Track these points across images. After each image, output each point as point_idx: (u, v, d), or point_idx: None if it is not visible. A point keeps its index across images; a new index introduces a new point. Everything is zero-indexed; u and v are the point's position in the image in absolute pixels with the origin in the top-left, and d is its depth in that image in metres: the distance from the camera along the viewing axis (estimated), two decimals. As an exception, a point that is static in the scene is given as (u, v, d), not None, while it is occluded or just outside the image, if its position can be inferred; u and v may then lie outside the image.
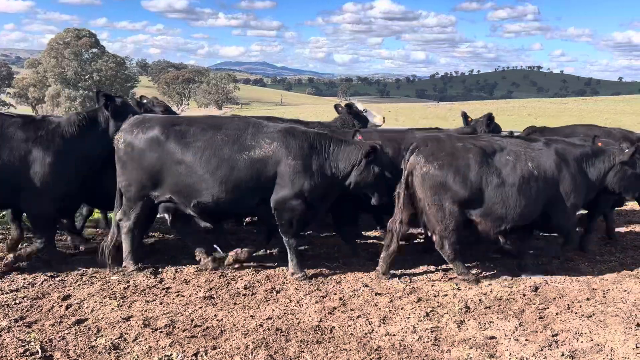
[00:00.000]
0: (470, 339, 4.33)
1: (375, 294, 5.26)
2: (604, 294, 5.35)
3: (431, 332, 4.44)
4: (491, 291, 5.37)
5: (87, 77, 65.56)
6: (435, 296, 5.25)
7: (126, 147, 5.59)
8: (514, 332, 4.45)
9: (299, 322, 4.59)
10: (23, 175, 5.43)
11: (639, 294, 5.32)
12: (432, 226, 5.59)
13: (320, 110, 74.82)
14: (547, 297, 5.23)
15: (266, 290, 5.29)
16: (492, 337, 4.36)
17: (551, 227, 6.09)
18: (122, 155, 5.63)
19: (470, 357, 4.04)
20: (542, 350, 4.14)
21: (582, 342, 4.31)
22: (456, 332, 4.45)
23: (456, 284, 5.56)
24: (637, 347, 4.21)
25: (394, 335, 4.38)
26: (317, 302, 5.03)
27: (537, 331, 4.48)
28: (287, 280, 5.61)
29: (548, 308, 4.96)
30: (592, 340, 4.34)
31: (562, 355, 4.06)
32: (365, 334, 4.41)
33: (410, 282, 5.66)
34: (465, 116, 8.73)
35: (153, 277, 5.59)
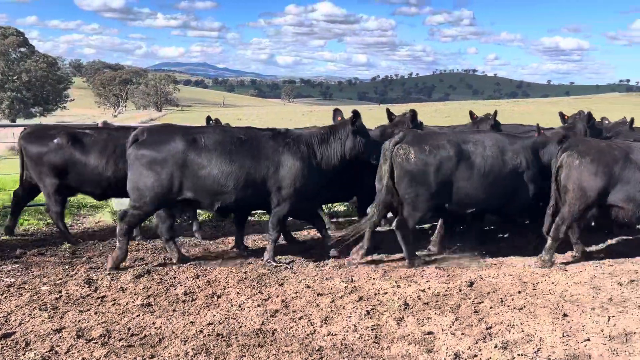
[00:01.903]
0: (409, 335, 4.44)
1: (318, 295, 5.29)
2: (534, 286, 5.62)
3: (372, 330, 4.51)
4: (429, 287, 5.52)
5: (15, 77, 62.05)
6: (375, 294, 5.34)
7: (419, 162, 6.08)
8: (450, 327, 4.59)
9: (241, 327, 4.55)
10: (274, 179, 6.06)
11: (566, 286, 5.63)
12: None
13: (264, 112, 74.50)
14: (482, 292, 5.44)
15: (207, 296, 5.20)
16: (430, 333, 4.49)
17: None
18: (412, 168, 6.08)
19: (409, 353, 4.14)
20: (476, 343, 4.30)
21: (513, 333, 4.51)
22: (396, 329, 4.55)
23: (396, 282, 5.68)
24: (563, 335, 4.46)
25: (335, 334, 4.42)
26: (259, 305, 5.00)
27: (472, 325, 4.65)
28: (228, 284, 5.54)
29: (483, 302, 5.16)
30: (523, 331, 4.55)
31: (495, 346, 4.24)
32: (307, 335, 4.42)
33: (352, 281, 5.73)
34: (562, 115, 9.12)
35: (87, 285, 5.38)
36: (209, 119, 8.72)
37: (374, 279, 5.82)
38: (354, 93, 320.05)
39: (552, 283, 5.71)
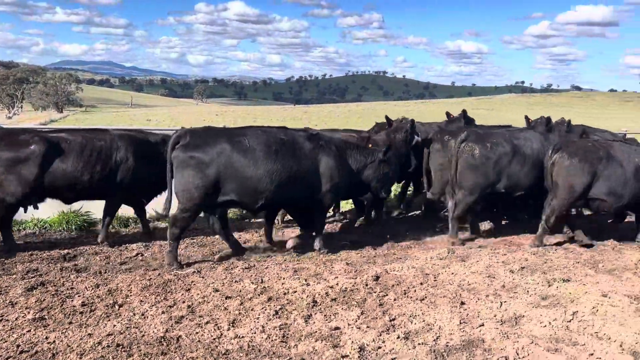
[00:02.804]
0: (316, 332, 4.49)
1: (226, 298, 5.20)
2: (435, 278, 5.90)
3: (279, 329, 4.51)
4: (337, 284, 5.62)
5: None
6: (285, 294, 5.35)
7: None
8: (356, 321, 4.70)
9: (143, 335, 4.36)
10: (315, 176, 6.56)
11: (464, 276, 5.96)
12: None
13: (176, 112, 72.13)
14: (387, 285, 5.63)
15: (107, 306, 4.94)
16: (337, 328, 4.57)
17: None
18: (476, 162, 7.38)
19: (316, 350, 4.18)
20: (380, 335, 4.44)
21: (415, 323, 4.70)
22: (303, 327, 4.58)
23: (305, 280, 5.73)
24: (460, 322, 4.71)
25: (242, 337, 4.38)
26: (163, 312, 4.82)
27: (377, 318, 4.79)
28: (131, 292, 5.30)
29: (387, 295, 5.34)
30: (424, 320, 4.76)
31: (398, 337, 4.40)
32: (214, 339, 4.34)
33: (262, 282, 5.70)
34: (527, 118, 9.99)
35: (-30, 302, 4.92)
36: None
37: (284, 278, 5.83)
38: (269, 93, 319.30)
39: (452, 273, 6.03)
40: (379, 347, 4.26)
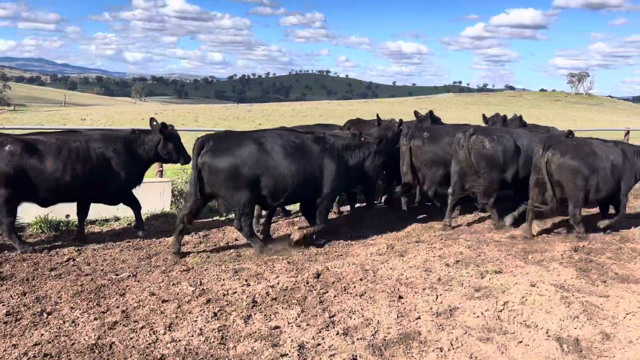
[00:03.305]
0: (255, 332, 4.46)
1: (163, 302, 5.07)
2: (374, 273, 5.99)
3: (218, 331, 4.45)
4: (278, 283, 5.60)
5: None
6: (224, 295, 5.27)
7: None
8: (296, 319, 4.71)
9: (74, 343, 4.18)
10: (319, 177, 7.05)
11: (402, 270, 6.09)
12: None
13: (113, 111, 69.50)
14: (327, 282, 5.67)
15: (34, 314, 4.70)
16: (277, 327, 4.55)
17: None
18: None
19: (255, 350, 4.15)
20: (320, 332, 4.46)
21: (354, 319, 4.76)
22: (243, 328, 4.53)
23: (246, 280, 5.67)
24: (398, 316, 4.82)
25: (179, 340, 4.28)
26: (95, 318, 4.64)
27: (317, 315, 4.81)
28: (61, 299, 5.06)
29: (327, 292, 5.37)
30: (363, 316, 4.82)
31: (337, 333, 4.44)
32: (149, 344, 4.21)
33: (201, 284, 5.59)
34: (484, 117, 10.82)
35: None
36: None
37: (223, 279, 5.75)
38: (211, 92, 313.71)
39: (391, 268, 6.15)
40: (319, 344, 4.28)
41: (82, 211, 7.24)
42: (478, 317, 4.86)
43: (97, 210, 7.73)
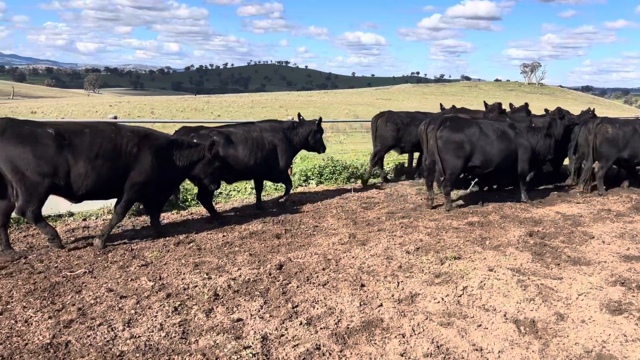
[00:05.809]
0: (217, 325, 4.40)
1: (121, 298, 4.93)
2: (336, 262, 6.02)
3: (179, 326, 4.36)
4: (240, 275, 5.55)
5: None
6: (185, 289, 5.18)
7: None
8: (259, 311, 4.67)
9: (27, 344, 4.01)
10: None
11: (364, 259, 6.14)
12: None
13: (65, 104, 67.04)
14: (290, 273, 5.65)
15: (-17, 315, 4.48)
16: (239, 320, 4.50)
17: None
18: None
19: (217, 343, 4.09)
20: (283, 322, 4.45)
21: (317, 308, 4.77)
22: (204, 321, 4.46)
23: (207, 274, 5.59)
24: (360, 304, 4.85)
25: (139, 336, 4.17)
26: (50, 317, 4.47)
27: (280, 306, 4.79)
28: (12, 298, 4.85)
29: (290, 283, 5.36)
30: (326, 305, 4.84)
31: (301, 323, 4.43)
32: (107, 341, 4.09)
33: (161, 279, 5.47)
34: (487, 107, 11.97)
35: None
36: None
37: (184, 273, 5.64)
38: (167, 83, 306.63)
39: (353, 257, 6.19)
40: (282, 335, 4.26)
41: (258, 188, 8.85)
42: (439, 302, 4.96)
43: (49, 206, 7.43)
